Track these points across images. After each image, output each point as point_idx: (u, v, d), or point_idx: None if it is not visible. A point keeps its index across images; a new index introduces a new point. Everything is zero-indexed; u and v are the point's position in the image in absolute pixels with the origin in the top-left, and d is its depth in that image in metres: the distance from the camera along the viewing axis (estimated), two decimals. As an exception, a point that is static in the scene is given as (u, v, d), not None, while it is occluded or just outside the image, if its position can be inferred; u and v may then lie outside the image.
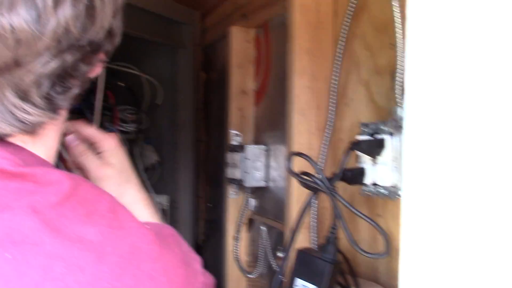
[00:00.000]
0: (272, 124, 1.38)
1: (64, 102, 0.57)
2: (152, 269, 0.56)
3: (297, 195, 1.16)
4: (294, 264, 0.96)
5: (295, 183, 1.17)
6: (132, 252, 0.55)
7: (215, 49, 1.73)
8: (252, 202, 1.44)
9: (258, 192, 1.43)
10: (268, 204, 1.40)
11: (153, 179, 1.57)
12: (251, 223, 1.47)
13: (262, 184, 1.38)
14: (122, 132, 1.41)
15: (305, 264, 0.94)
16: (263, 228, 1.39)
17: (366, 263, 1.12)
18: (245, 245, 1.48)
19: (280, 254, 1.29)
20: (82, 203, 0.54)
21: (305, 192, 1.10)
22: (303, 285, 0.94)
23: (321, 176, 0.91)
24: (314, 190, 0.95)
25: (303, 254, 0.95)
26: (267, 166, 1.38)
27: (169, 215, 1.55)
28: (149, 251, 0.57)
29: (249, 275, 1.43)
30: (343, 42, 1.07)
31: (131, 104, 1.48)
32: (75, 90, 0.58)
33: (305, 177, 0.92)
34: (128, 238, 0.55)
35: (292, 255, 0.98)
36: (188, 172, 1.66)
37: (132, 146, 1.51)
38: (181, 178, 1.64)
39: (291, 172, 0.91)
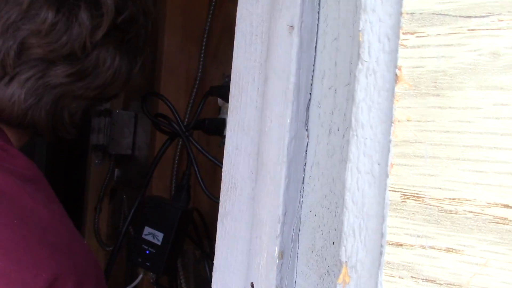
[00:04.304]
0: (143, 91, 1.35)
1: None
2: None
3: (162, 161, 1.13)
4: (143, 211, 0.93)
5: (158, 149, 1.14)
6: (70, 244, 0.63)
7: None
8: (116, 171, 1.38)
9: (123, 160, 1.38)
10: (132, 173, 1.35)
11: None
12: (113, 194, 1.40)
13: (128, 152, 1.33)
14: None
15: (154, 211, 0.91)
16: (126, 198, 1.33)
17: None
18: (105, 217, 1.41)
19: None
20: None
21: (168, 157, 1.07)
22: (151, 233, 0.90)
23: (177, 119, 0.89)
24: (170, 135, 0.92)
25: (152, 201, 0.92)
26: (135, 134, 1.33)
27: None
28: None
29: (107, 248, 1.36)
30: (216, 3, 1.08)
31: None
32: None
33: (160, 119, 0.90)
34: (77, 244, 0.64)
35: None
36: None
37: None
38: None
39: (145, 113, 0.89)
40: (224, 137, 0.98)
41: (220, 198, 0.52)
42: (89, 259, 0.64)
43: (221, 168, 0.88)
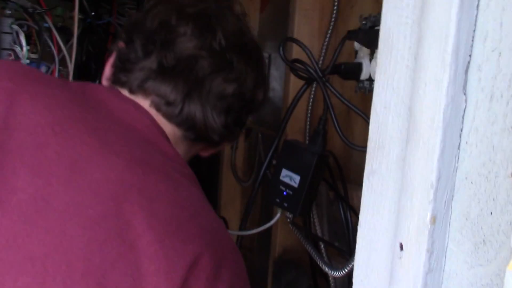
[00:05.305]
0: (276, 31, 1.35)
1: None
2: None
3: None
4: (281, 154, 0.96)
5: (292, 92, 1.16)
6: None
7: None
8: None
9: (257, 101, 1.42)
10: (266, 113, 1.39)
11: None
12: (248, 132, 1.46)
13: (262, 93, 1.36)
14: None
15: (292, 155, 0.94)
16: (260, 136, 1.39)
17: (357, 168, 1.12)
18: (241, 154, 1.48)
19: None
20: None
21: (303, 100, 1.08)
22: (288, 175, 0.94)
23: (314, 64, 0.89)
24: (307, 80, 0.93)
25: (290, 145, 0.95)
26: (268, 75, 1.36)
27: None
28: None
29: (244, 183, 1.44)
30: None
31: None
32: None
33: (298, 64, 0.91)
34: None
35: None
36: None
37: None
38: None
39: (283, 59, 0.90)
40: (360, 81, 0.97)
41: (367, 156, 0.53)
42: (231, 247, 0.71)
43: (355, 111, 0.88)
